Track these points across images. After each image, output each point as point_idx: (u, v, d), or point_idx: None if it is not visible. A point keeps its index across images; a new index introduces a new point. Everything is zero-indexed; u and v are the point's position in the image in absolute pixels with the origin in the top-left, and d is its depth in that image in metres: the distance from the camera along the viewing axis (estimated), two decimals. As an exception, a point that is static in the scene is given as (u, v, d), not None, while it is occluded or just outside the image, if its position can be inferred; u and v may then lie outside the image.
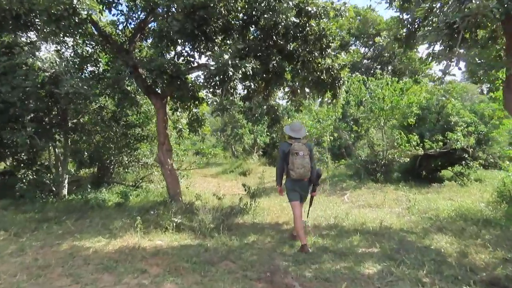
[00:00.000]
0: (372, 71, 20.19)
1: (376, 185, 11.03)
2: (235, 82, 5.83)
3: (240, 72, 5.70)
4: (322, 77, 7.37)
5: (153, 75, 6.32)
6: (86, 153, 9.45)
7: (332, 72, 7.21)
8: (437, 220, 6.73)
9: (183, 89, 6.92)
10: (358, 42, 24.65)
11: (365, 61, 24.62)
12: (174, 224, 5.41)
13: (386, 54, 22.65)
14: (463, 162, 12.04)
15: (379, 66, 22.30)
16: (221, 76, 5.69)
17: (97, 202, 7.70)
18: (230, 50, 5.83)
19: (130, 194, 9.11)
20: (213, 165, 17.63)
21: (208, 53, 6.45)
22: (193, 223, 5.79)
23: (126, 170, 9.60)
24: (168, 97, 8.08)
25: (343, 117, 13.47)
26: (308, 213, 5.83)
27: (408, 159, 11.20)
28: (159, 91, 7.85)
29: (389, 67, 22.68)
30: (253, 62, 5.84)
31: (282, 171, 5.09)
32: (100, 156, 9.57)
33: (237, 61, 5.65)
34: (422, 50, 50.56)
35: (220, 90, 6.13)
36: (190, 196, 9.44)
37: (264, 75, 6.90)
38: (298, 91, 7.89)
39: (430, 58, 7.46)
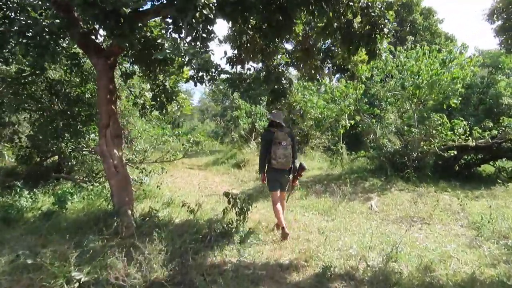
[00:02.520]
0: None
1: (408, 185, 8.40)
2: (206, 12, 3.13)
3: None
4: (353, 24, 4.68)
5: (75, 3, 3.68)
6: (17, 138, 6.81)
7: (372, 14, 4.49)
8: (537, 254, 4.14)
9: (130, 36, 4.22)
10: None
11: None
12: (75, 284, 2.78)
13: (406, 28, 19.64)
14: (517, 155, 9.44)
15: (398, 41, 19.30)
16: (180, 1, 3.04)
17: (5, 214, 5.10)
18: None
19: (74, 195, 6.52)
20: (204, 154, 14.93)
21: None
22: (127, 269, 3.17)
23: (67, 163, 6.92)
24: (119, 57, 5.43)
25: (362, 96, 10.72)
26: (287, 199, 5.56)
27: (455, 152, 8.51)
28: (103, 45, 5.22)
29: (409, 43, 19.62)
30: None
31: (265, 160, 4.90)
32: (37, 143, 6.94)
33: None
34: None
35: (182, 31, 3.46)
36: (158, 199, 6.85)
37: (263, 16, 4.20)
38: (314, 48, 5.18)
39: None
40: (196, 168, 12.33)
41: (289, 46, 6.06)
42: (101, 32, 5.38)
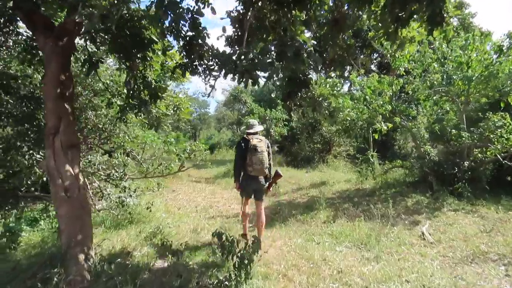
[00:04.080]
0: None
1: (462, 202, 6.64)
2: None
3: None
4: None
5: None
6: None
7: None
8: None
9: (82, 4, 2.82)
10: None
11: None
12: None
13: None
14: None
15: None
16: None
17: None
18: None
19: (39, 222, 5.16)
20: (215, 164, 13.33)
21: None
22: None
23: (26, 180, 5.51)
24: (78, 37, 4.04)
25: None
26: None
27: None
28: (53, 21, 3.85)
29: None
30: None
31: (240, 168, 4.70)
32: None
33: None
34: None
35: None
36: (144, 227, 5.35)
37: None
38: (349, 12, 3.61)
39: None
40: (203, 181, 10.82)
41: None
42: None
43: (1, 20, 4.36)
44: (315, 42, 3.84)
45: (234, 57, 2.63)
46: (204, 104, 60.90)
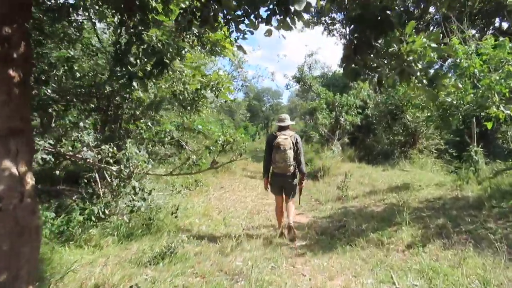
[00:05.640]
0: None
1: None
2: None
3: None
4: None
5: None
6: None
7: None
8: None
9: None
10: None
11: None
12: None
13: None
14: None
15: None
16: None
17: None
18: None
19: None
20: (246, 158, 11.73)
21: None
22: None
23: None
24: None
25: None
26: (299, 201, 5.41)
27: None
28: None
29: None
30: None
31: (268, 164, 4.74)
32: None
33: None
34: None
35: None
36: (158, 240, 4.12)
37: None
38: None
39: None
40: (258, 176, 9.43)
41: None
42: None
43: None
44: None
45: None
46: (276, 94, 59.97)
